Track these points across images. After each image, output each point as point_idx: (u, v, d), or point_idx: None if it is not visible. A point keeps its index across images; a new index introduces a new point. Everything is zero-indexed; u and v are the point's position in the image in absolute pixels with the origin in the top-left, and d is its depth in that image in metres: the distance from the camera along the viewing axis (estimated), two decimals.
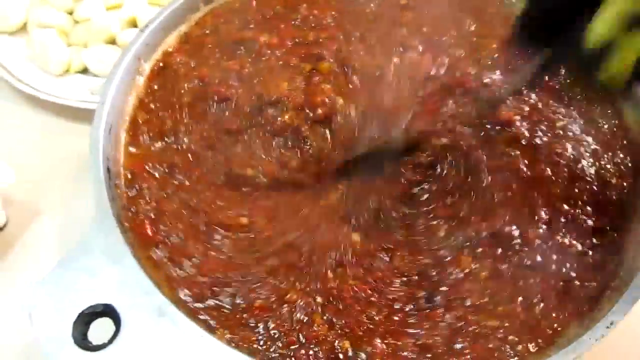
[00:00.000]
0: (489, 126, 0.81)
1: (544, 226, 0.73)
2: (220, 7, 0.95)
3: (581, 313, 0.68)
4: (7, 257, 0.91)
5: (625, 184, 0.78)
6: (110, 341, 0.60)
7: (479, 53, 0.90)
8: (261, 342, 0.65)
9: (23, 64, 1.09)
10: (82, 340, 0.60)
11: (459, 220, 0.74)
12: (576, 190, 0.77)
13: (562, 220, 0.74)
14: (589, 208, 0.76)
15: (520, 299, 0.69)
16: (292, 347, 0.64)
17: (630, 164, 0.81)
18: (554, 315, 0.68)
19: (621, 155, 0.81)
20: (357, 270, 0.71)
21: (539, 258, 0.71)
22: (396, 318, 0.67)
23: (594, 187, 0.77)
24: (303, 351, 0.64)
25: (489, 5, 0.99)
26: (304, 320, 0.66)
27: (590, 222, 0.75)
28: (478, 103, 0.82)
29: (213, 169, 0.78)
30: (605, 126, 0.84)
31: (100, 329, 0.61)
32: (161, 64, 0.87)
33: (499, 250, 0.72)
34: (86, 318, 0.61)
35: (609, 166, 0.80)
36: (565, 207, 0.75)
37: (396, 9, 0.96)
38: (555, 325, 0.67)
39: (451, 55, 0.88)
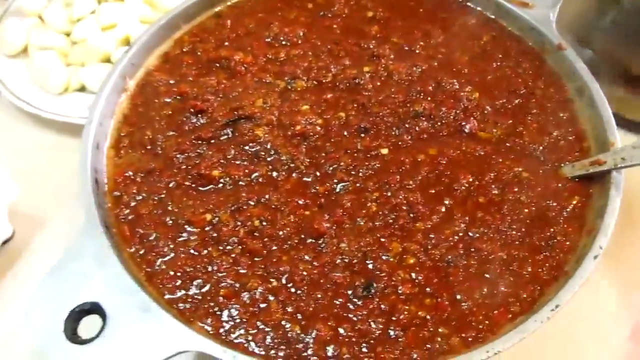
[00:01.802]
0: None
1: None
2: (197, 26, 1.01)
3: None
4: (14, 267, 0.98)
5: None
6: (98, 335, 0.66)
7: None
8: (227, 328, 0.70)
9: (24, 85, 1.17)
10: (72, 335, 0.67)
11: None
12: None
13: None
14: None
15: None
16: (252, 331, 0.70)
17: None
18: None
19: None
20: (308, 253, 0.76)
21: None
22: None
23: None
24: (260, 336, 0.70)
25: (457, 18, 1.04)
26: (263, 307, 0.72)
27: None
28: None
29: (182, 170, 0.83)
30: None
31: (89, 325, 0.68)
32: (143, 83, 0.93)
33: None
34: (76, 315, 0.68)
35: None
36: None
37: (363, 22, 1.02)
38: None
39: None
